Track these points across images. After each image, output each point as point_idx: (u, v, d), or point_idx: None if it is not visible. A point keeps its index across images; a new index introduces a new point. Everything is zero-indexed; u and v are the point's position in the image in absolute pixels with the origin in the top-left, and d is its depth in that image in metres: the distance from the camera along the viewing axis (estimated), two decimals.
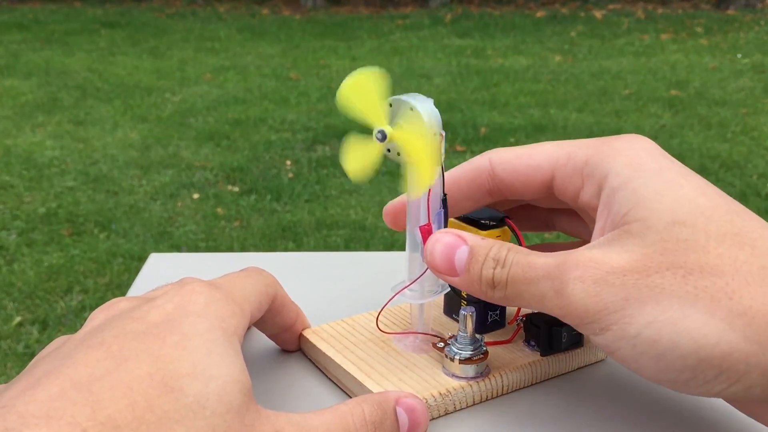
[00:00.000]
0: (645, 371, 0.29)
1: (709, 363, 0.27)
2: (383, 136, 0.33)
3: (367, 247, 2.24)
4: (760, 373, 0.27)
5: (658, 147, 0.32)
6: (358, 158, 0.34)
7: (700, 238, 0.28)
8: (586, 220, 0.36)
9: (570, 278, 0.29)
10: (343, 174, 2.87)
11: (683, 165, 0.32)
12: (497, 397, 0.35)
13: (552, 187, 0.35)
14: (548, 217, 0.40)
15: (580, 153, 0.33)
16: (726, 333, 0.27)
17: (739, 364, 0.27)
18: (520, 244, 0.37)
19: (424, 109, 0.33)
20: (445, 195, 0.35)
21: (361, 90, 0.33)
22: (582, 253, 0.30)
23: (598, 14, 7.76)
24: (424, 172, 0.33)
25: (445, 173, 0.35)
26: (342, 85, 0.33)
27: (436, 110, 0.33)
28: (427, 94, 0.34)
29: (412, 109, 0.33)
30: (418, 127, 0.33)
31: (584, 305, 0.29)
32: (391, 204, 0.39)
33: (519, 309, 0.39)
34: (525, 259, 0.31)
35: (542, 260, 0.31)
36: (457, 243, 0.33)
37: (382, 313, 0.41)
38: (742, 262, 0.28)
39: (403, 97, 0.33)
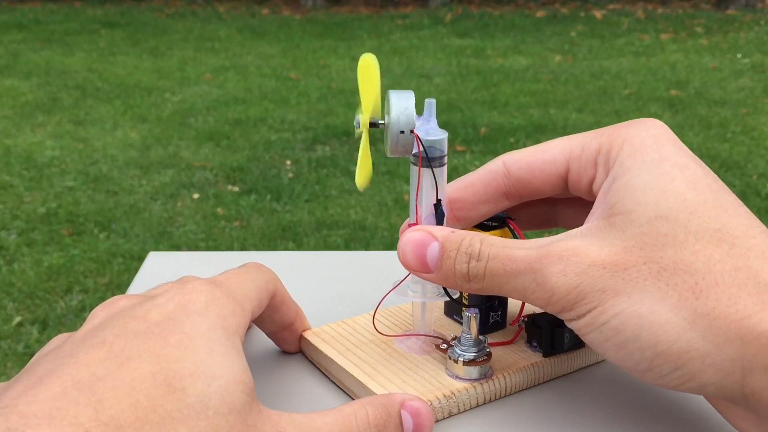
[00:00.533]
0: (608, 356, 0.30)
1: (666, 358, 0.28)
2: (358, 125, 0.34)
3: (367, 247, 2.24)
4: (714, 372, 0.28)
5: (669, 132, 0.32)
6: (364, 166, 0.35)
7: (679, 234, 0.29)
8: None
9: (553, 272, 0.30)
10: (343, 174, 2.87)
11: (689, 154, 0.32)
12: (501, 398, 0.35)
13: (567, 180, 0.35)
14: (548, 213, 0.40)
15: (593, 142, 0.33)
16: (686, 332, 0.28)
17: (695, 362, 0.28)
18: (515, 235, 0.37)
19: (398, 104, 0.33)
20: (438, 201, 0.35)
21: (367, 72, 0.33)
22: (564, 244, 0.30)
23: (598, 14, 7.76)
24: (362, 171, 0.35)
25: (460, 179, 0.35)
26: (362, 57, 0.34)
27: (412, 109, 0.33)
28: (427, 94, 0.34)
29: (387, 102, 0.33)
30: (388, 134, 0.33)
31: (565, 296, 0.30)
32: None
33: (521, 310, 0.39)
34: (503, 252, 0.31)
35: (522, 253, 0.31)
36: (426, 239, 0.33)
37: (384, 314, 0.41)
38: (716, 261, 0.28)
39: (392, 91, 0.33)
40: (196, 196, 2.69)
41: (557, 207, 0.40)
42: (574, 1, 8.88)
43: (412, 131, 0.33)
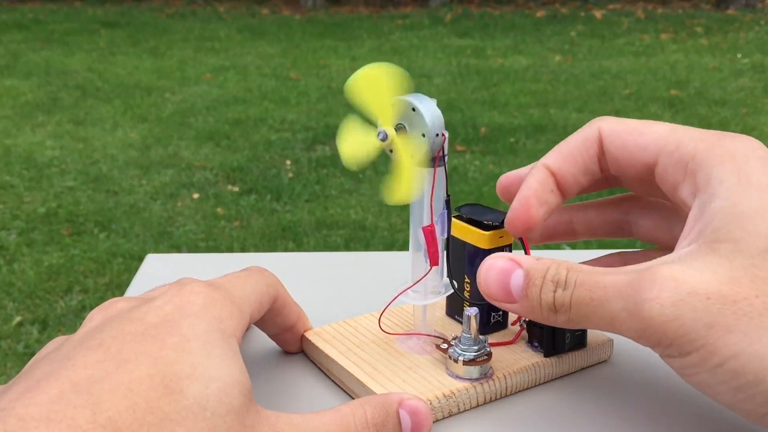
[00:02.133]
0: (721, 398, 0.27)
1: None
2: (385, 137, 0.33)
3: (367, 247, 2.24)
4: None
5: None
6: (355, 145, 0.34)
7: None
8: (681, 217, 0.34)
9: (646, 298, 0.27)
10: (343, 174, 2.87)
11: None
12: (501, 398, 0.35)
13: (655, 173, 0.33)
14: (623, 221, 0.38)
15: (690, 145, 0.31)
16: None
17: None
18: (523, 246, 0.37)
19: (426, 109, 0.33)
20: (448, 196, 0.35)
21: (373, 84, 0.33)
22: (659, 270, 0.27)
23: (598, 14, 7.76)
24: (403, 186, 0.33)
25: (555, 150, 0.34)
26: (354, 75, 0.32)
27: (439, 111, 0.33)
28: (427, 94, 0.33)
29: (414, 109, 0.33)
30: (416, 141, 0.33)
31: (662, 328, 0.27)
32: (506, 176, 0.37)
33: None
34: (590, 279, 0.29)
35: (611, 278, 0.29)
36: (511, 267, 0.31)
37: (385, 314, 0.41)
38: None
39: (407, 97, 0.33)
40: (196, 196, 2.69)
41: (632, 215, 0.37)
42: (574, 1, 8.88)
43: (442, 134, 0.33)
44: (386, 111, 0.33)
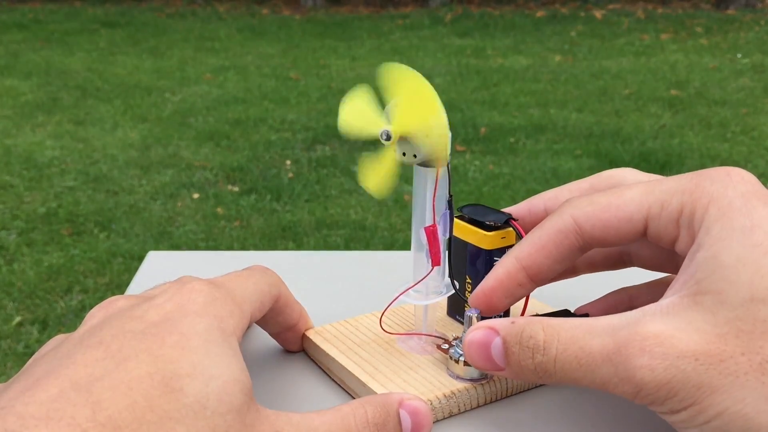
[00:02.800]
0: None
1: None
2: (388, 136, 0.33)
3: (367, 247, 2.24)
4: None
5: (759, 187, 0.29)
6: (375, 173, 0.33)
7: None
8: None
9: (637, 365, 0.27)
10: (343, 174, 2.87)
11: None
12: (501, 399, 0.35)
13: (647, 235, 0.32)
14: (623, 254, 0.38)
15: (673, 201, 0.30)
16: None
17: None
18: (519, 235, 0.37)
19: None
20: (451, 196, 0.35)
21: (355, 113, 0.33)
22: (645, 329, 0.28)
23: (598, 14, 7.75)
24: (381, 178, 0.33)
25: (527, 242, 0.34)
26: (339, 118, 0.33)
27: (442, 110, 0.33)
28: None
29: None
30: (419, 142, 0.32)
31: (655, 391, 0.27)
32: (481, 289, 0.35)
33: (524, 311, 0.38)
34: (574, 344, 0.29)
35: (597, 342, 0.28)
36: (488, 337, 0.31)
37: (387, 313, 0.41)
38: None
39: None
40: (196, 196, 2.69)
41: (632, 246, 0.37)
42: (574, 1, 8.88)
43: (446, 133, 0.33)
44: (376, 121, 0.33)
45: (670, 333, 0.27)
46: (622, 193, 0.32)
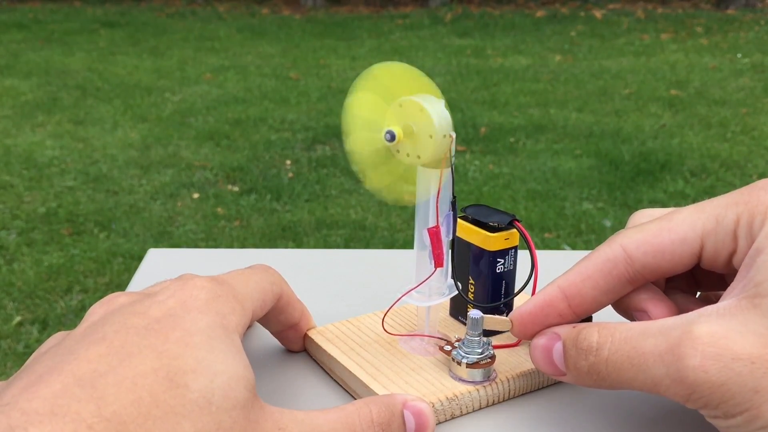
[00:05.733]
0: None
1: None
2: (392, 137, 0.33)
3: (367, 247, 2.24)
4: None
5: None
6: (383, 174, 0.34)
7: None
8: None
9: (690, 366, 0.27)
10: (343, 174, 2.87)
11: None
12: (504, 401, 0.35)
13: (702, 257, 0.31)
14: (690, 278, 0.36)
15: (729, 214, 0.30)
16: None
17: None
18: (529, 248, 0.36)
19: (434, 110, 0.32)
20: (454, 197, 0.35)
21: (365, 101, 0.33)
22: (699, 329, 0.27)
23: (598, 14, 7.75)
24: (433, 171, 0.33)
25: (573, 270, 0.33)
26: (346, 103, 0.33)
27: (447, 112, 0.33)
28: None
29: (421, 110, 0.32)
30: (423, 142, 0.32)
31: (709, 393, 0.27)
32: (518, 312, 0.34)
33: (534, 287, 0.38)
34: (627, 344, 0.29)
35: (650, 342, 0.28)
36: (551, 342, 0.31)
37: (389, 313, 0.41)
38: None
39: (415, 98, 0.33)
40: (196, 195, 2.69)
41: (697, 272, 0.35)
42: (574, 1, 8.87)
43: (450, 135, 0.33)
44: (385, 115, 0.33)
45: (724, 334, 0.27)
46: (672, 217, 0.32)
